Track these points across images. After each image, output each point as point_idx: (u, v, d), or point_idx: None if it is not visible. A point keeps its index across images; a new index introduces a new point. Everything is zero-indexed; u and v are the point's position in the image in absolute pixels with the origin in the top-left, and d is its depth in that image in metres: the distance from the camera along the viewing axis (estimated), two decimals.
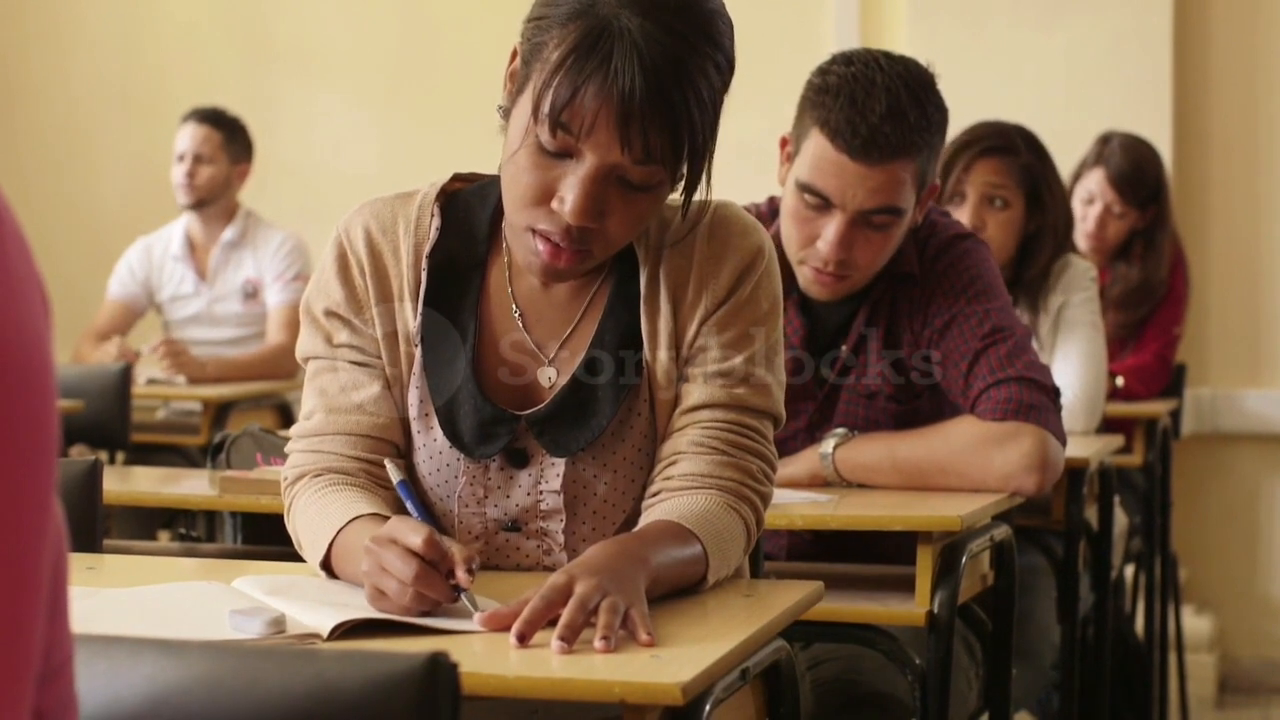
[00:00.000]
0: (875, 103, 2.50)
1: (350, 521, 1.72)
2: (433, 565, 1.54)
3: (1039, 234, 3.53)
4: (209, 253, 5.27)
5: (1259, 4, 5.44)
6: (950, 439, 2.55)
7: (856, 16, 5.53)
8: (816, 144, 2.54)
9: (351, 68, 6.11)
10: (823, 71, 2.56)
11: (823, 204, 2.55)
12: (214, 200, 5.24)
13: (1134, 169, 4.47)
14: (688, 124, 1.67)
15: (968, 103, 5.38)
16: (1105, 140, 4.56)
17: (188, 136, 5.24)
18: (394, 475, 1.74)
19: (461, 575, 1.54)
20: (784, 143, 2.63)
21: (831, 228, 2.55)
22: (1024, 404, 2.54)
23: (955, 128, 2.81)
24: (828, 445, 2.60)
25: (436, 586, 1.54)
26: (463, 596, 1.56)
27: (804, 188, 2.56)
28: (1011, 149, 3.53)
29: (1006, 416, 2.53)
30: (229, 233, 5.26)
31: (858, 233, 2.55)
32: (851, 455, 2.59)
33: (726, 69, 1.73)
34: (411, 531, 1.56)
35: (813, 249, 2.58)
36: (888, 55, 2.57)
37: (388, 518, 1.71)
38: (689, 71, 1.66)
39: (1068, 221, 3.62)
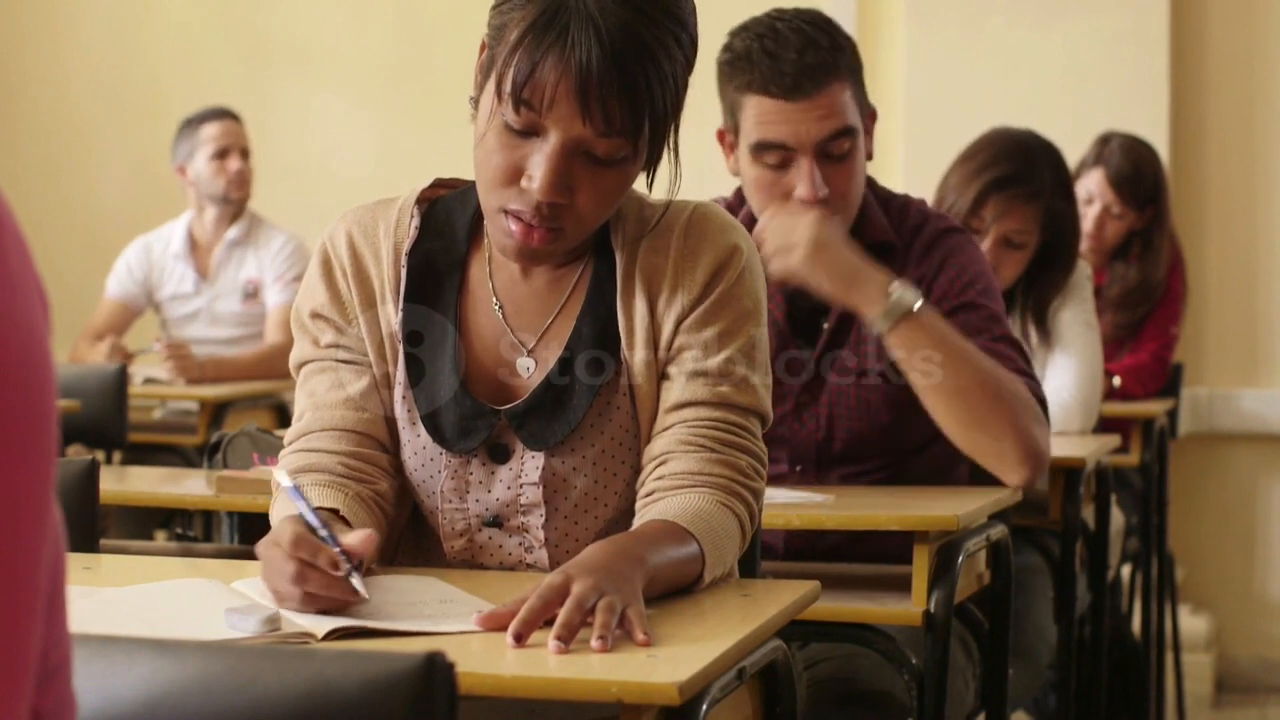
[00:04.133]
0: (786, 44, 2.56)
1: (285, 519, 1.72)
2: (310, 563, 1.56)
3: (1048, 252, 3.50)
4: (211, 251, 5.27)
5: (1255, 4, 5.45)
6: (1009, 378, 2.55)
7: (853, 15, 5.53)
8: (753, 105, 2.58)
9: (348, 68, 6.11)
10: (726, 48, 2.61)
11: (782, 156, 2.57)
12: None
13: (1134, 170, 4.47)
14: (647, 95, 1.69)
15: (965, 102, 5.41)
16: (1105, 141, 4.56)
17: (229, 133, 5.24)
18: (284, 481, 1.72)
19: (338, 558, 1.56)
20: (722, 136, 2.66)
21: (800, 172, 2.57)
22: None
23: (952, 128, 2.81)
24: (905, 299, 2.53)
25: (320, 581, 1.55)
26: (352, 581, 1.56)
27: (759, 148, 2.58)
28: (1039, 193, 3.47)
29: None
30: (234, 231, 5.26)
31: (825, 168, 2.58)
32: (920, 329, 2.53)
33: (689, 45, 1.75)
34: (285, 535, 1.58)
35: (791, 204, 2.58)
36: (776, 9, 2.62)
37: (334, 510, 1.73)
38: (646, 43, 1.69)
39: (1078, 240, 3.59)
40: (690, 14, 1.76)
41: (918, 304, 2.52)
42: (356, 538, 1.59)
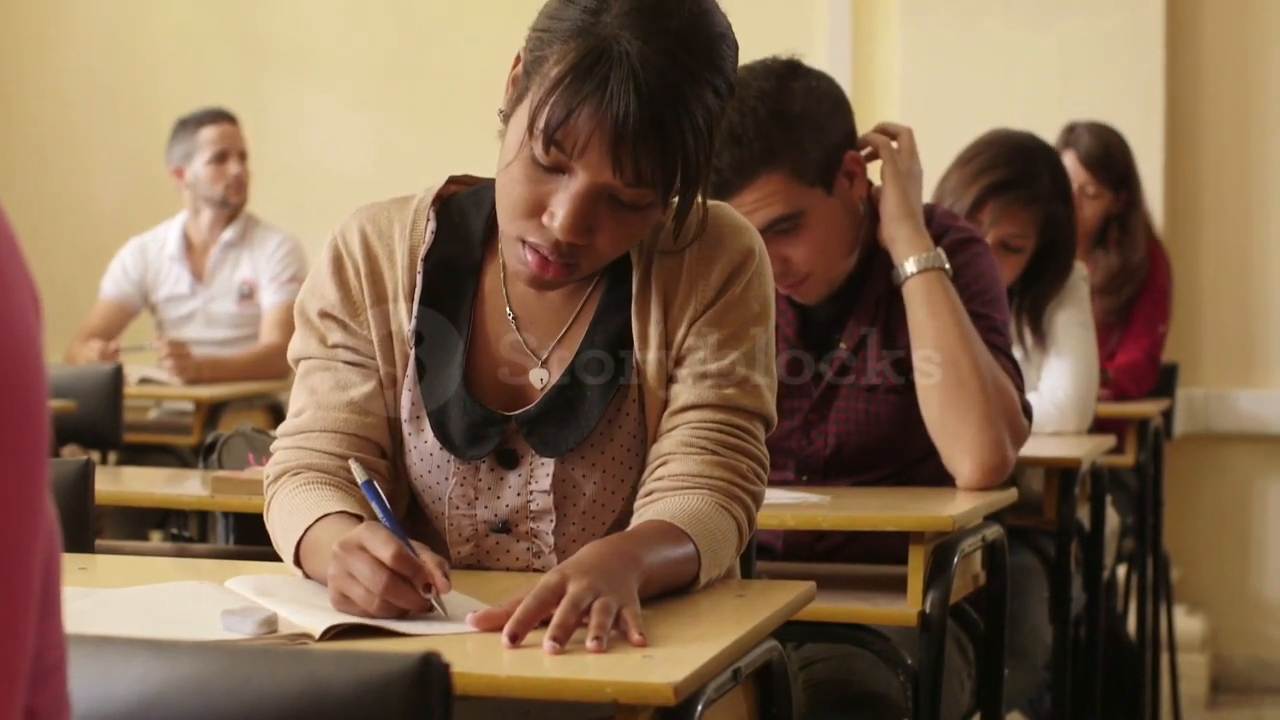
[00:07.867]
0: (721, 138, 2.52)
1: (320, 519, 1.72)
2: (406, 580, 1.54)
3: (1046, 255, 3.50)
4: (207, 252, 5.27)
5: (1250, 4, 5.45)
6: (1006, 383, 2.57)
7: (849, 15, 5.53)
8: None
9: (343, 68, 6.11)
10: None
11: None
12: None
13: (1103, 149, 4.51)
14: (681, 150, 1.68)
15: (961, 102, 5.41)
16: (1071, 129, 4.60)
17: (228, 136, 5.23)
18: (358, 475, 1.72)
19: (440, 581, 1.54)
20: None
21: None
22: None
23: (948, 128, 2.81)
24: (941, 258, 2.60)
25: (406, 596, 1.54)
26: (435, 604, 1.55)
27: None
28: (1038, 197, 3.47)
29: None
30: (229, 233, 5.26)
31: (781, 246, 2.58)
32: (940, 287, 2.59)
33: (725, 92, 1.73)
34: (381, 543, 1.55)
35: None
36: (742, 77, 2.56)
37: (360, 516, 1.71)
38: (685, 99, 1.67)
39: (1075, 244, 3.59)
40: (730, 60, 1.74)
41: (948, 267, 2.61)
42: (434, 562, 1.56)
